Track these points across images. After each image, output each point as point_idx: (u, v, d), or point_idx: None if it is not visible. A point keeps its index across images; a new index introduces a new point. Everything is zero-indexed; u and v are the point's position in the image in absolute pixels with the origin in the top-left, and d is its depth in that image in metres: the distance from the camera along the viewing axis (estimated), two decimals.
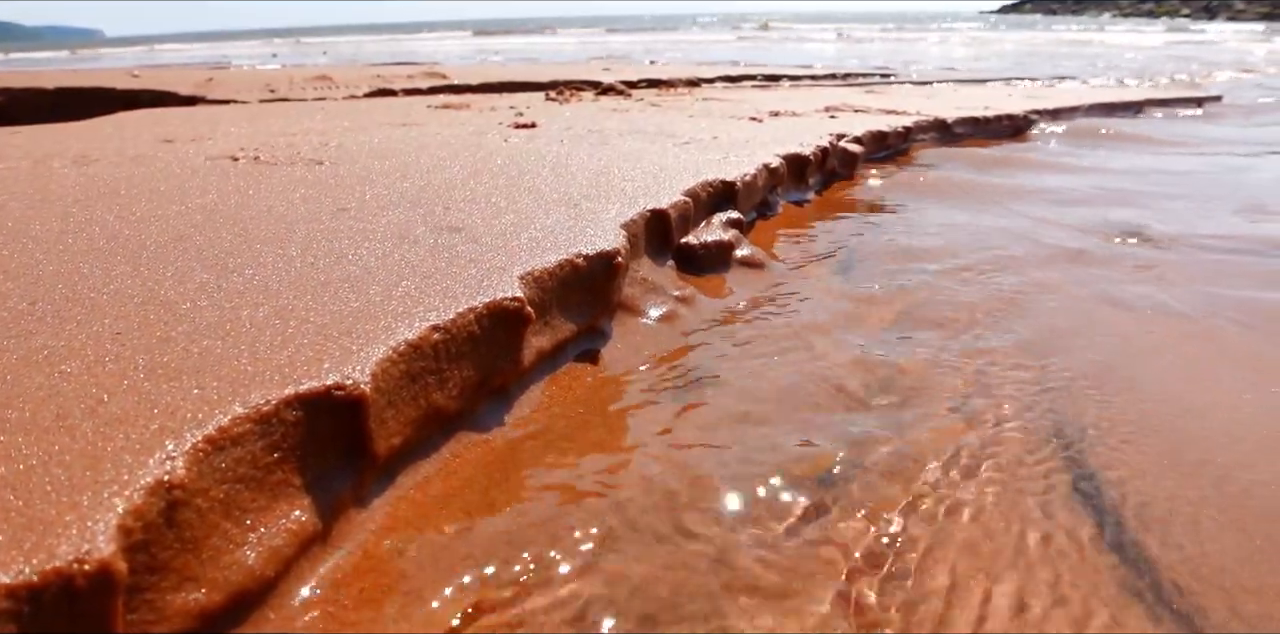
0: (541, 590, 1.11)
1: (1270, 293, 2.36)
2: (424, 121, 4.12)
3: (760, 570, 1.17)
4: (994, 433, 1.57)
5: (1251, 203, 3.54)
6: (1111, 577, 1.19)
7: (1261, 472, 1.44)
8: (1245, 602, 1.14)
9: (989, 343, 1.99)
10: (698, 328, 2.05)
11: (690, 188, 2.52)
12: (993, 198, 3.56)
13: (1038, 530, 1.29)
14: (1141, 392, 1.74)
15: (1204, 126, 6.27)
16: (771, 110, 4.84)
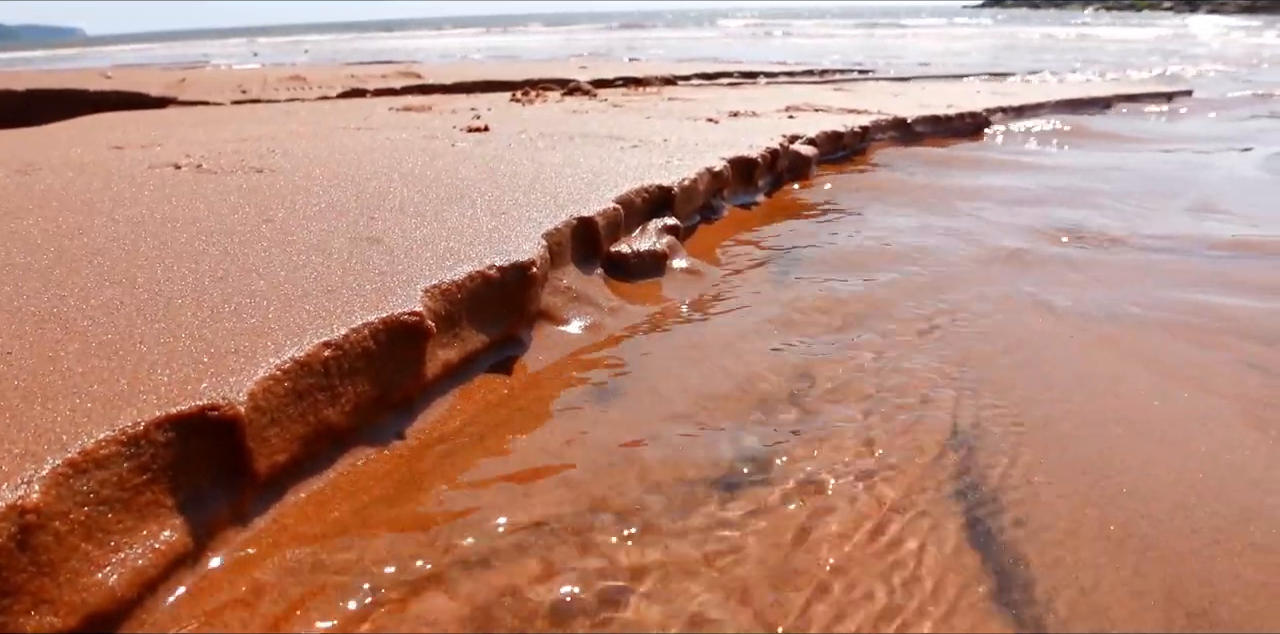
0: (407, 609, 1.13)
1: (1197, 294, 2.38)
2: (380, 125, 4.12)
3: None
4: (890, 437, 1.58)
5: (1201, 201, 3.56)
6: (977, 565, 1.21)
7: (1140, 478, 1.45)
8: (1076, 574, 1.16)
9: (910, 347, 2.01)
10: (621, 335, 2.06)
11: (624, 194, 2.53)
12: (943, 199, 3.58)
13: (916, 537, 1.30)
14: (1045, 397, 1.76)
15: (1170, 122, 6.29)
16: (732, 111, 4.85)
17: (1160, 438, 1.59)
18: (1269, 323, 2.17)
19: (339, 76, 9.32)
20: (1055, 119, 5.84)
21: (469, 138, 3.54)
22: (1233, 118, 6.44)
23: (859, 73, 11.90)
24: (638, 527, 1.31)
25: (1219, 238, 2.95)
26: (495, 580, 1.18)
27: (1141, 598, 1.17)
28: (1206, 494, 1.42)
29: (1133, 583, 1.20)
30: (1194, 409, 1.72)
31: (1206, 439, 1.59)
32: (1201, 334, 2.10)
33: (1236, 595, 1.17)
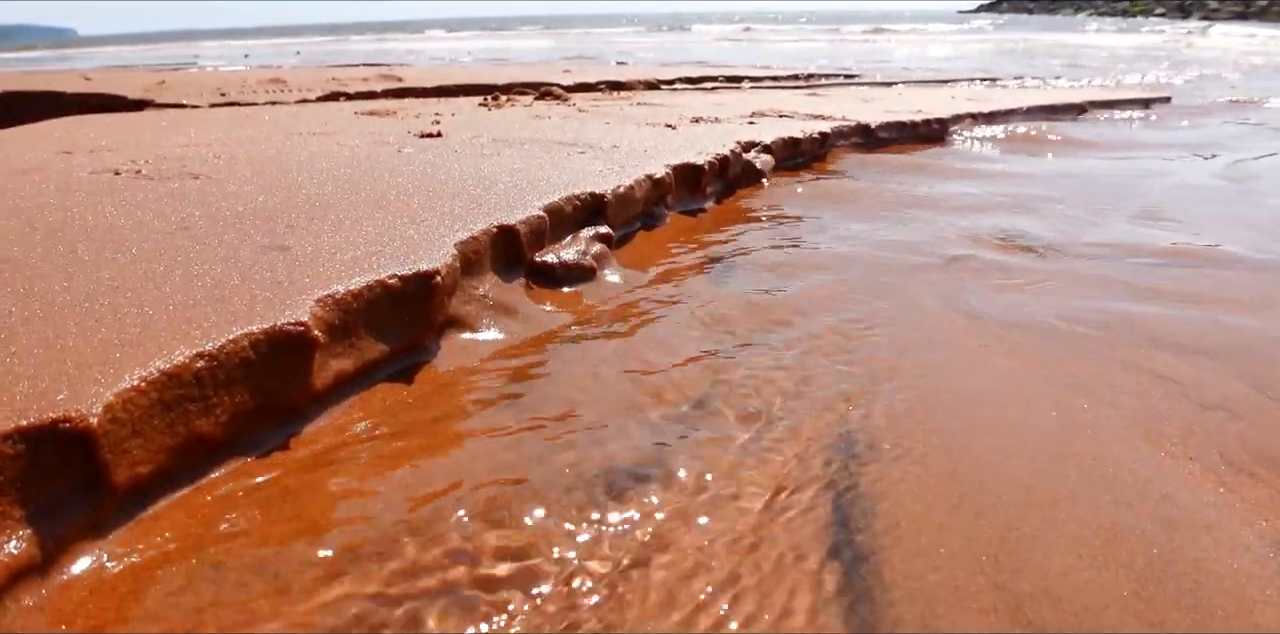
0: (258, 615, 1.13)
1: (1121, 303, 2.39)
2: (337, 130, 4.13)
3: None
4: (778, 441, 1.59)
5: (1148, 209, 3.57)
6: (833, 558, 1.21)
7: (1014, 490, 1.46)
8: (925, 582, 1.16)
9: (821, 354, 2.02)
10: (535, 343, 2.07)
11: (553, 202, 2.54)
12: (893, 205, 3.58)
13: (783, 543, 1.31)
14: (941, 406, 1.77)
15: (1140, 129, 6.30)
16: (694, 116, 4.86)
17: (1046, 449, 1.60)
18: (1185, 333, 2.17)
19: (320, 79, 9.33)
20: (1025, 125, 5.84)
21: (419, 143, 3.55)
22: (1206, 124, 6.44)
23: (844, 77, 11.92)
24: (519, 531, 1.31)
25: (1156, 246, 2.96)
26: (358, 589, 1.18)
27: (980, 615, 1.17)
28: (1079, 508, 1.42)
29: (973, 594, 1.20)
30: (1088, 420, 1.72)
31: (1094, 452, 1.60)
32: (1116, 344, 2.11)
33: (1085, 616, 1.18)
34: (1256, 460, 1.59)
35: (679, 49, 21.29)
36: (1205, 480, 1.53)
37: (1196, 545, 1.33)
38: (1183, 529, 1.37)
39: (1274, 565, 1.30)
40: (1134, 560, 1.29)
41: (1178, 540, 1.34)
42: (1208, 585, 1.24)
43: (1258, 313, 2.32)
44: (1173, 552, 1.32)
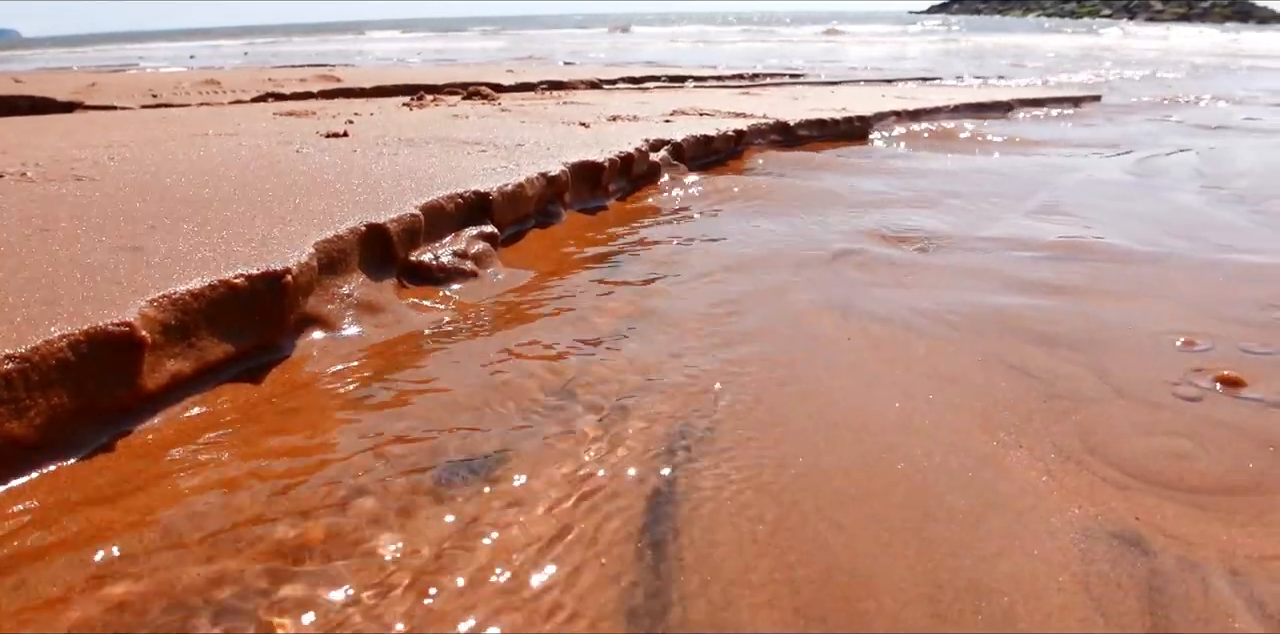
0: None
1: (995, 296, 2.42)
2: (245, 131, 4.09)
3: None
4: (616, 437, 1.59)
5: (1049, 203, 3.61)
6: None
7: (838, 481, 1.47)
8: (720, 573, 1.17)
9: (684, 350, 2.02)
10: (399, 342, 2.06)
11: (433, 201, 2.52)
12: (797, 202, 3.60)
13: (594, 532, 1.31)
14: (788, 400, 1.78)
15: (1063, 126, 6.38)
16: (613, 115, 4.86)
17: (881, 440, 1.62)
18: (1048, 324, 2.20)
19: (257, 80, 9.24)
20: (949, 123, 5.90)
21: (321, 143, 3.52)
22: (1129, 122, 6.54)
23: (790, 77, 11.99)
24: (343, 521, 1.30)
25: (1044, 240, 2.99)
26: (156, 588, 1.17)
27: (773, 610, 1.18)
28: (895, 497, 1.44)
29: (762, 582, 1.21)
30: (931, 411, 1.74)
31: (927, 442, 1.61)
32: (979, 336, 2.13)
33: (868, 603, 1.19)
34: (1086, 448, 1.61)
35: (632, 49, 21.30)
36: (1031, 469, 1.54)
37: (1003, 533, 1.34)
38: (993, 517, 1.39)
39: (1075, 551, 1.32)
40: (936, 549, 1.30)
41: (984, 529, 1.36)
42: (1002, 572, 1.25)
43: (1125, 303, 2.35)
44: (978, 540, 1.33)
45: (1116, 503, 1.45)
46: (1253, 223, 3.31)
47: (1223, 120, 6.69)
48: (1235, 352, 2.05)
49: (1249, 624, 1.16)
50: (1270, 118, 6.86)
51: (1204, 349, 2.06)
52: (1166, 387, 1.86)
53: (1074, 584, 1.23)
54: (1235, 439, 1.65)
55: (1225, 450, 1.61)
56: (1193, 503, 1.46)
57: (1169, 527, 1.39)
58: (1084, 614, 1.17)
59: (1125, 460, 1.58)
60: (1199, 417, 1.74)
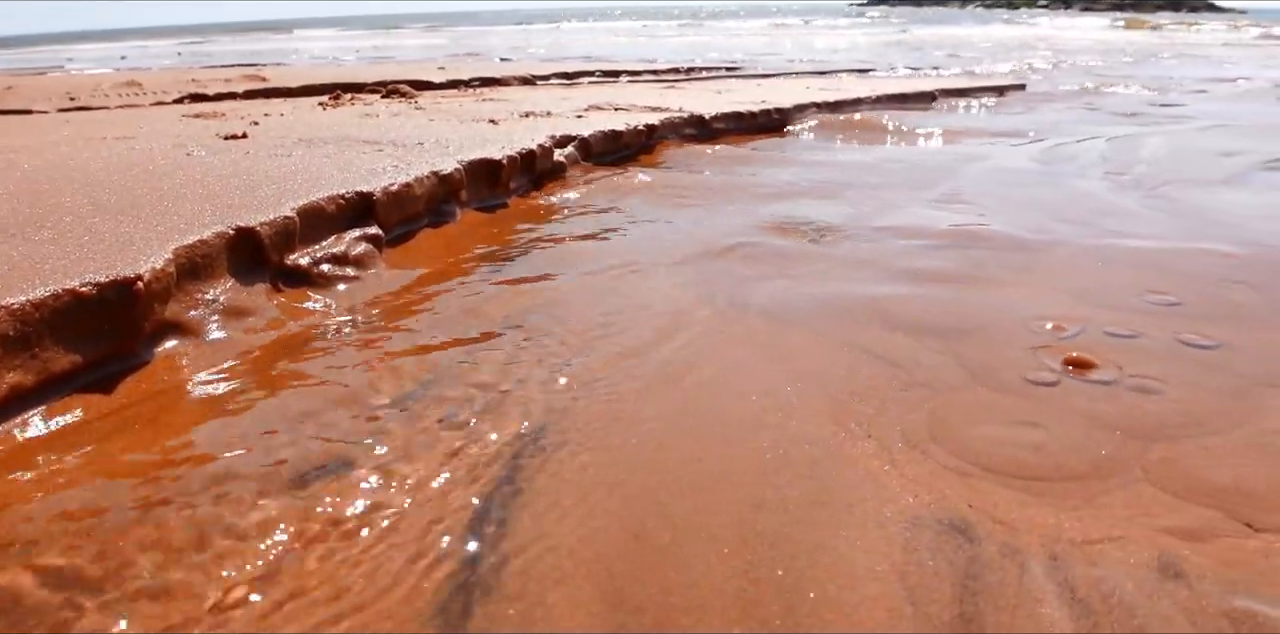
0: None
1: (874, 285, 2.43)
2: (145, 134, 4.01)
3: None
4: (466, 435, 1.58)
5: (951, 192, 3.64)
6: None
7: (669, 478, 1.47)
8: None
9: (553, 347, 2.01)
10: (268, 347, 2.03)
11: (313, 202, 2.49)
12: (701, 195, 3.60)
13: (429, 524, 1.29)
14: (645, 395, 1.78)
15: (983, 116, 6.44)
16: (526, 112, 4.83)
17: (730, 434, 1.62)
18: (922, 313, 2.22)
19: (180, 81, 9.09)
20: (869, 114, 5.93)
21: (217, 146, 3.46)
22: (1048, 110, 6.62)
23: (726, 70, 12.00)
24: (189, 521, 1.28)
25: (936, 228, 3.02)
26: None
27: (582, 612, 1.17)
28: (735, 492, 1.44)
29: (582, 580, 1.20)
30: (789, 403, 1.74)
31: (776, 435, 1.62)
32: (853, 326, 2.14)
33: (685, 609, 1.18)
34: (934, 437, 1.62)
35: (572, 45, 21.22)
36: (875, 458, 1.55)
37: (831, 524, 1.35)
38: (825, 508, 1.39)
39: (900, 541, 1.32)
40: (759, 541, 1.31)
41: (813, 520, 1.36)
42: (821, 564, 1.26)
43: (1003, 290, 2.37)
44: (803, 531, 1.33)
45: (953, 491, 1.46)
46: (1144, 207, 3.36)
47: (1138, 107, 6.79)
48: (1101, 336, 2.07)
49: (1055, 609, 1.17)
50: (1186, 104, 6.99)
51: (1070, 334, 2.09)
52: (1023, 373, 1.88)
53: (890, 573, 1.24)
54: (1080, 424, 1.67)
55: (1068, 435, 1.63)
56: (1028, 489, 1.47)
57: (1000, 513, 1.40)
58: (894, 604, 1.18)
59: (969, 448, 1.59)
60: (1049, 402, 1.76)
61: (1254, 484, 1.49)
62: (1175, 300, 2.29)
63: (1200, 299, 2.30)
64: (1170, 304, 2.26)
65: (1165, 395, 1.78)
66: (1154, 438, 1.63)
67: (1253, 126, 5.57)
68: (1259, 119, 5.98)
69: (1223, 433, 1.65)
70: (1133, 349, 2.00)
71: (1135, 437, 1.63)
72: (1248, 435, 1.65)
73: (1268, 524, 1.39)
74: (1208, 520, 1.39)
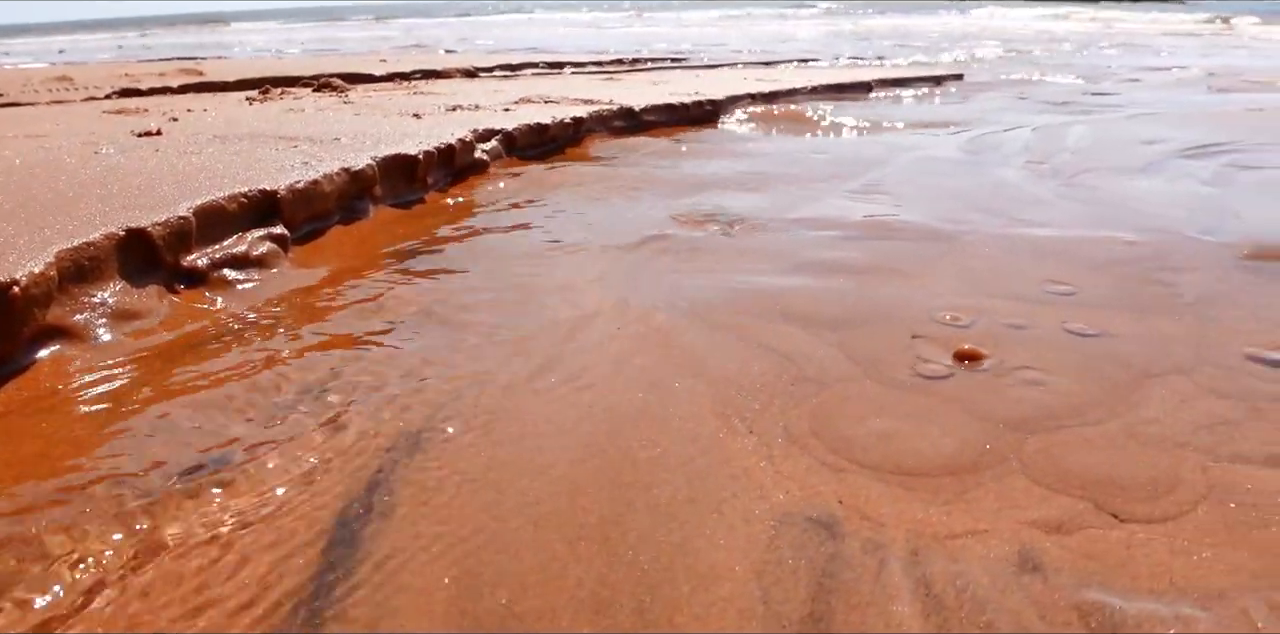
0: None
1: (779, 277, 2.44)
2: (59, 132, 3.92)
3: None
4: (349, 436, 1.56)
5: (873, 183, 3.66)
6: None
7: (539, 477, 1.46)
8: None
9: (445, 345, 2.00)
10: (159, 349, 1.99)
11: (212, 202, 2.44)
12: (624, 188, 3.59)
13: (299, 521, 1.27)
14: (530, 394, 1.77)
15: (916, 105, 6.49)
16: (455, 105, 4.78)
17: (610, 433, 1.61)
18: (821, 305, 2.23)
19: (112, 75, 8.92)
20: (804, 104, 5.95)
21: (129, 143, 3.39)
22: (982, 100, 6.67)
23: (672, 61, 11.98)
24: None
25: (849, 219, 3.03)
26: None
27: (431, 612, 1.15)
28: (600, 492, 1.43)
29: (437, 583, 1.19)
30: (674, 400, 1.74)
31: (654, 432, 1.61)
32: (753, 319, 2.14)
33: (537, 612, 1.17)
34: (815, 432, 1.63)
35: (522, 36, 21.08)
36: (753, 455, 1.55)
37: (697, 523, 1.35)
38: (694, 507, 1.39)
39: (764, 539, 1.32)
40: (623, 541, 1.30)
41: (680, 519, 1.36)
42: (680, 564, 1.25)
43: (906, 281, 2.39)
44: (669, 531, 1.33)
45: (826, 487, 1.46)
46: (1059, 196, 3.40)
47: (1071, 96, 6.87)
48: (994, 327, 2.09)
49: (907, 606, 1.17)
50: (1119, 93, 7.08)
51: (965, 325, 2.10)
52: (912, 365, 1.89)
53: (748, 573, 1.23)
54: (962, 417, 1.68)
55: (949, 429, 1.64)
56: (902, 484, 1.48)
57: (869, 509, 1.40)
58: (746, 604, 1.17)
59: (849, 443, 1.59)
60: (934, 395, 1.77)
61: (1125, 474, 1.50)
62: (1071, 290, 2.32)
63: (1095, 288, 2.33)
64: (1066, 294, 2.29)
65: (1049, 386, 1.80)
66: (1033, 429, 1.64)
67: (1179, 115, 5.65)
68: (1186, 108, 6.07)
69: (1100, 423, 1.67)
70: (1023, 340, 2.01)
71: (1015, 429, 1.64)
72: (1125, 425, 1.66)
73: (1134, 515, 1.40)
74: (1075, 512, 1.40)
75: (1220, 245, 2.69)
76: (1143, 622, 1.14)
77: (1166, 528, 1.36)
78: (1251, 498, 1.44)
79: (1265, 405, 1.74)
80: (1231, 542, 1.33)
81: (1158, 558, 1.28)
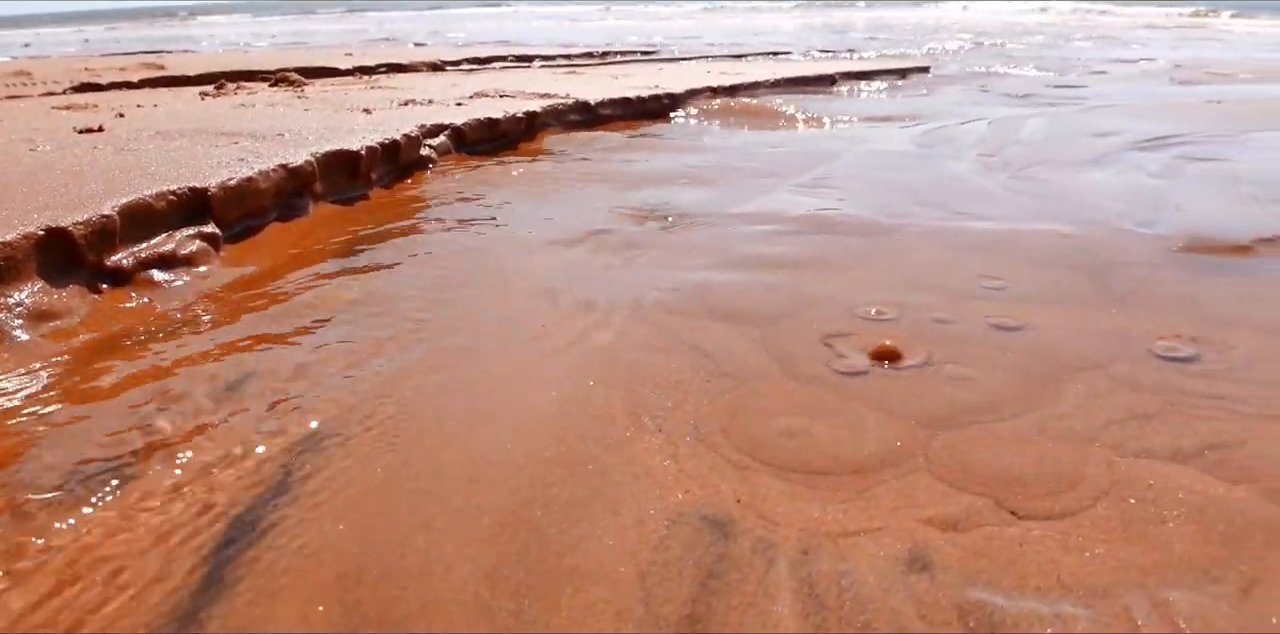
0: None
1: (710, 272, 2.43)
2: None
3: None
4: (257, 433, 1.54)
5: (821, 176, 3.65)
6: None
7: (438, 477, 1.45)
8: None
9: (380, 342, 1.98)
10: (77, 350, 1.97)
11: (139, 200, 2.42)
12: (572, 183, 3.57)
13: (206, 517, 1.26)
14: (446, 394, 1.76)
15: (877, 99, 6.49)
16: (409, 99, 4.75)
17: (518, 432, 1.61)
18: (751, 298, 2.23)
19: (72, 70, 8.82)
20: (765, 98, 5.94)
21: (68, 140, 3.35)
22: (945, 92, 6.68)
23: (642, 53, 11.97)
24: None
25: (791, 214, 3.02)
26: None
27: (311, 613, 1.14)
28: (500, 492, 1.43)
29: (323, 583, 1.18)
30: (588, 398, 1.74)
31: (563, 432, 1.61)
32: (679, 315, 2.14)
33: (416, 615, 1.16)
34: (724, 430, 1.62)
35: (495, 30, 20.97)
36: (659, 454, 1.54)
37: (591, 523, 1.34)
38: (589, 507, 1.38)
39: (655, 539, 1.31)
40: (512, 542, 1.30)
41: (574, 519, 1.35)
42: (566, 565, 1.24)
43: (839, 276, 2.38)
44: (560, 531, 1.32)
45: (728, 485, 1.45)
46: (1005, 189, 3.40)
47: (1034, 89, 6.89)
48: (920, 322, 2.09)
49: (787, 606, 1.17)
50: (1084, 85, 7.10)
51: (890, 320, 2.10)
52: (831, 362, 1.89)
53: (632, 574, 1.23)
54: (875, 413, 1.68)
55: (861, 426, 1.63)
56: (805, 482, 1.47)
57: (766, 507, 1.39)
58: (626, 605, 1.17)
59: (757, 441, 1.58)
60: (849, 392, 1.76)
61: (1030, 471, 1.50)
62: (1003, 284, 2.32)
63: (1026, 281, 2.33)
64: (997, 288, 2.29)
65: (966, 382, 1.80)
66: (945, 426, 1.64)
67: (1137, 107, 5.68)
68: (1146, 100, 6.09)
69: (1012, 418, 1.67)
70: (946, 335, 2.01)
71: (926, 425, 1.64)
72: (1037, 420, 1.66)
73: (1033, 511, 1.40)
74: (974, 509, 1.40)
75: (1155, 238, 2.70)
76: (1021, 621, 1.14)
77: (1063, 525, 1.36)
78: (1152, 494, 1.44)
79: (1179, 399, 1.74)
80: (1126, 538, 1.33)
81: (1048, 555, 1.28)
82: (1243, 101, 5.87)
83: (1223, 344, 1.96)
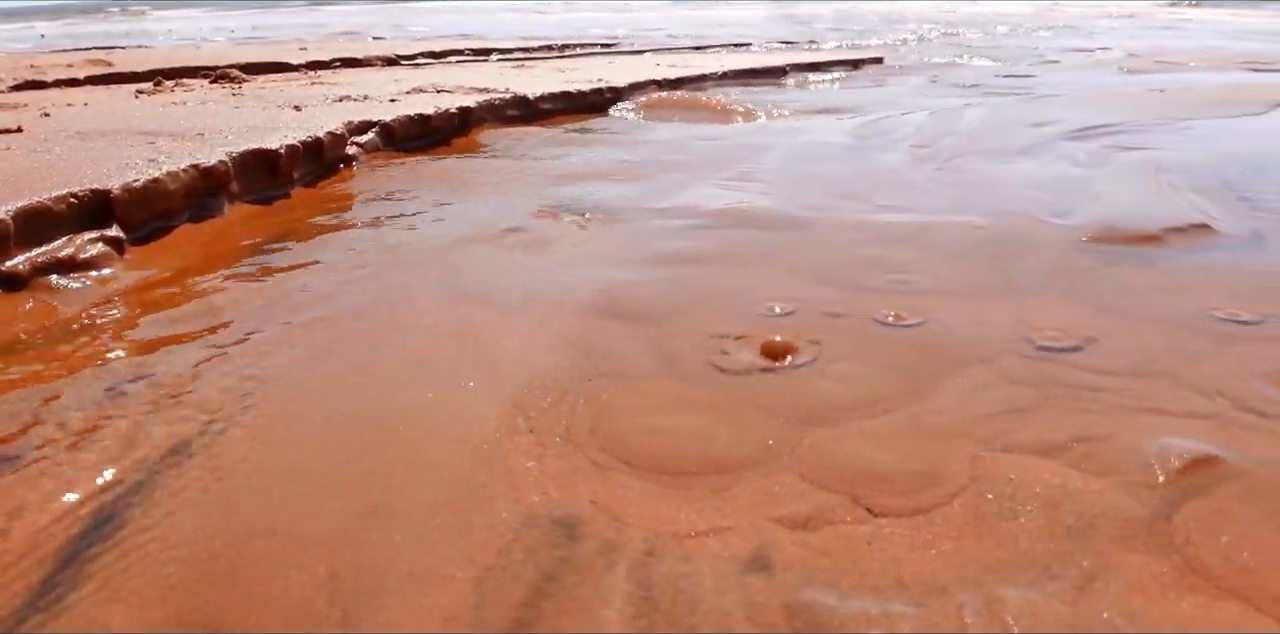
0: None
1: (611, 270, 2.44)
2: None
3: None
4: (125, 440, 1.53)
5: (749, 170, 3.65)
6: None
7: (307, 482, 1.43)
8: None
9: (271, 344, 1.97)
10: None
11: (37, 203, 2.39)
12: (499, 179, 3.56)
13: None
14: (317, 394, 1.75)
15: (825, 90, 6.49)
16: (344, 95, 4.71)
17: (385, 434, 1.60)
18: (649, 296, 2.22)
19: (19, 67, 8.69)
20: (710, 91, 5.94)
21: None
22: (893, 83, 6.70)
23: (602, 46, 11.91)
24: None
25: (709, 208, 3.02)
26: None
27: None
28: (355, 496, 1.42)
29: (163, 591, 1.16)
30: (465, 399, 1.74)
31: (430, 434, 1.60)
32: (574, 314, 2.13)
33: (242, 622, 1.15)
34: (595, 431, 1.62)
35: (458, 23, 20.78)
36: (524, 456, 1.53)
37: (439, 527, 1.34)
38: (439, 512, 1.37)
39: (501, 543, 1.31)
40: (358, 549, 1.29)
41: (423, 524, 1.35)
42: (403, 572, 1.23)
43: (743, 271, 2.39)
44: (407, 537, 1.31)
45: (586, 487, 1.45)
46: (931, 181, 3.41)
47: (983, 79, 6.91)
48: (813, 317, 2.09)
49: (617, 610, 1.16)
50: (1035, 75, 7.14)
51: (784, 316, 2.09)
52: (714, 360, 1.88)
53: (469, 579, 1.22)
54: (751, 411, 1.67)
55: (734, 424, 1.63)
56: (665, 482, 1.47)
57: (620, 508, 1.39)
58: (456, 611, 1.16)
59: (625, 441, 1.58)
60: (728, 390, 1.76)
61: (894, 467, 1.50)
62: (907, 277, 2.32)
63: (931, 274, 2.34)
64: (901, 281, 2.29)
65: (849, 378, 1.80)
66: (818, 423, 1.64)
67: (1079, 97, 5.71)
68: (1090, 89, 6.13)
69: (885, 415, 1.67)
70: (839, 330, 2.01)
71: (799, 422, 1.64)
72: (910, 416, 1.66)
73: (888, 509, 1.40)
74: (828, 507, 1.40)
75: (1066, 228, 2.71)
76: (849, 621, 1.14)
77: (915, 522, 1.36)
78: (1011, 489, 1.44)
79: (1058, 392, 1.75)
80: (977, 534, 1.33)
81: (893, 554, 1.28)
82: (1186, 90, 5.92)
83: (1110, 335, 1.97)
